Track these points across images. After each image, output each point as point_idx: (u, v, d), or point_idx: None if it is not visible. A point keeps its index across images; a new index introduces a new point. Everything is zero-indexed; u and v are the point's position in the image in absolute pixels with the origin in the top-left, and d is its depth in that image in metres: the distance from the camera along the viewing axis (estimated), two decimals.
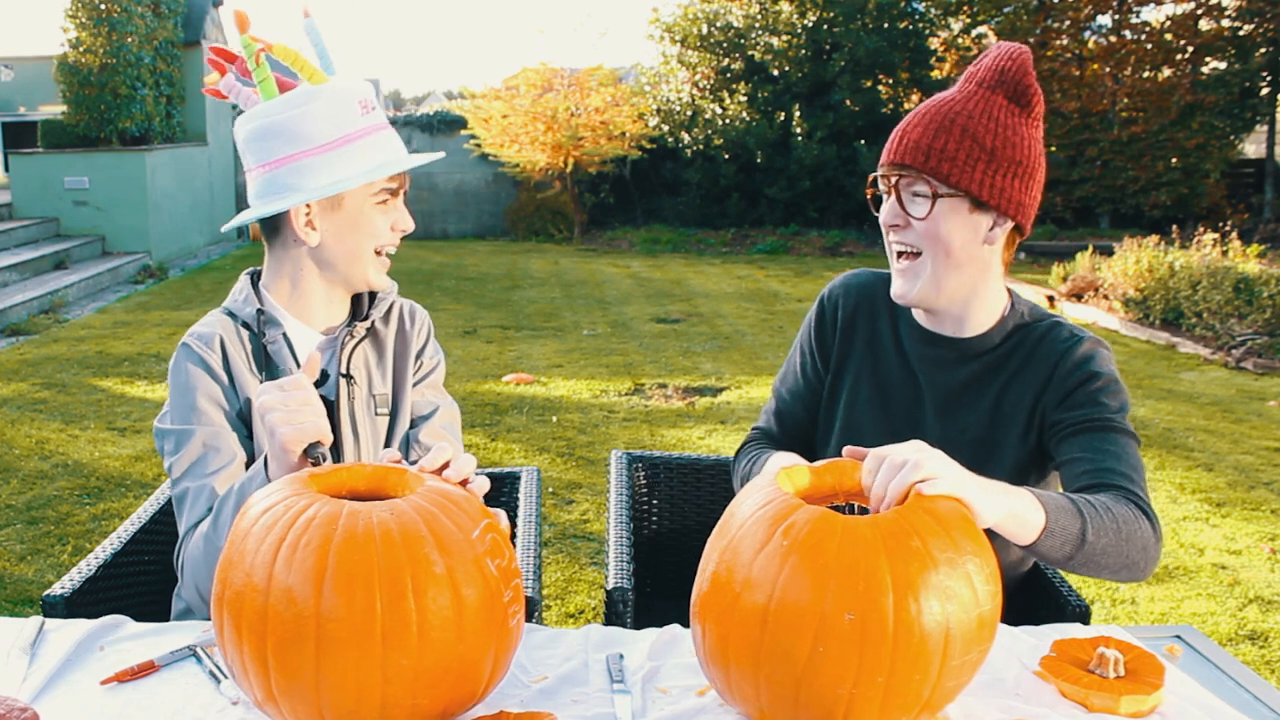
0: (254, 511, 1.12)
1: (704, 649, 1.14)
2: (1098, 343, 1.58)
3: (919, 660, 1.05)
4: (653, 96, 16.15)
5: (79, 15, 11.97)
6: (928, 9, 16.01)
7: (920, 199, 1.51)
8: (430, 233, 16.28)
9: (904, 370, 1.67)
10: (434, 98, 49.70)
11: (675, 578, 1.98)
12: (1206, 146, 14.60)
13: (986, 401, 1.61)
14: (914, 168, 1.49)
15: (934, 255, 1.53)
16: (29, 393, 6.08)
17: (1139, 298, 8.49)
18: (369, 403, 1.68)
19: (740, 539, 1.11)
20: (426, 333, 1.81)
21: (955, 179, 1.47)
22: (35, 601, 3.34)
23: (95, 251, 11.56)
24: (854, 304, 1.73)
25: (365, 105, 1.54)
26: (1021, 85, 1.50)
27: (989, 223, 1.52)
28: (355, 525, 1.06)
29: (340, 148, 1.53)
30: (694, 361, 7.08)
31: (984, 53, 1.57)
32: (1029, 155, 1.51)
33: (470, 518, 1.14)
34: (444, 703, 1.10)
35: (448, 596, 1.06)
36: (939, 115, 1.50)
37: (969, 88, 1.53)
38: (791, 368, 1.81)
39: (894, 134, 1.55)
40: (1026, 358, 1.59)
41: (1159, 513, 4.17)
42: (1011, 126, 1.50)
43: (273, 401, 1.36)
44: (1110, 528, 1.35)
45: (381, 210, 1.60)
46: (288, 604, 1.03)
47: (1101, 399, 1.53)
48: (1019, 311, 1.63)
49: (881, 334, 1.70)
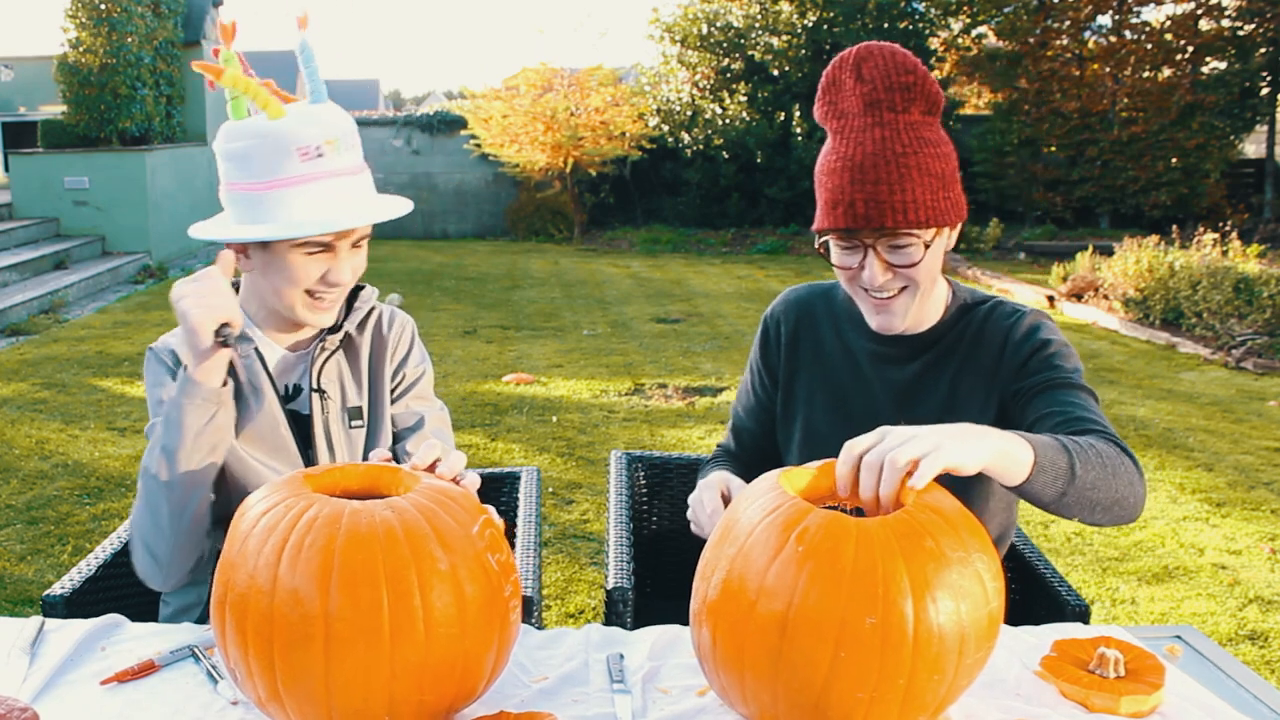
0: (253, 513, 1.12)
1: (714, 657, 1.13)
2: (1041, 314, 1.61)
3: (938, 661, 1.05)
4: (653, 96, 16.15)
5: (79, 15, 11.97)
6: (928, 9, 16.01)
7: (903, 249, 1.50)
8: (430, 233, 16.28)
9: (856, 373, 1.68)
10: (434, 98, 49.73)
11: (675, 578, 1.98)
12: (1206, 146, 14.60)
13: (941, 390, 1.62)
14: (899, 228, 1.46)
15: (921, 285, 1.54)
16: (29, 393, 6.08)
17: (1139, 298, 8.49)
18: (343, 416, 1.67)
19: (751, 546, 1.10)
20: (409, 341, 1.76)
21: (934, 220, 1.47)
22: (35, 601, 3.34)
23: (95, 251, 11.55)
24: (795, 320, 1.75)
25: (306, 152, 1.44)
26: (931, 93, 1.48)
27: (951, 233, 1.56)
28: (358, 524, 1.06)
29: (266, 191, 1.46)
30: (694, 361, 7.07)
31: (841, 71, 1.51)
32: (954, 155, 1.53)
33: (469, 514, 1.14)
34: (449, 698, 1.10)
35: (452, 593, 1.07)
36: (889, 165, 1.45)
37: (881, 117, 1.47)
38: (745, 386, 1.85)
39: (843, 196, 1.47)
40: (974, 341, 1.61)
41: (1159, 512, 4.20)
42: (936, 139, 1.50)
43: (184, 289, 1.42)
44: (1096, 462, 1.35)
45: (312, 258, 1.51)
46: (294, 605, 1.03)
47: (1056, 362, 1.55)
48: (960, 298, 1.66)
49: (827, 343, 1.72)
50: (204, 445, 1.47)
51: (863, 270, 1.52)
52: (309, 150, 1.44)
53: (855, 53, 1.49)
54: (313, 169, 1.45)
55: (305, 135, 1.44)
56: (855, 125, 1.48)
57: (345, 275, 1.54)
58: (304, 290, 1.54)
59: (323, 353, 1.64)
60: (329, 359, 1.66)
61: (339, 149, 1.47)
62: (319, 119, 1.47)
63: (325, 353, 1.65)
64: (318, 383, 1.63)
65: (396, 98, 65.79)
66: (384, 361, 1.71)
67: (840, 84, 1.51)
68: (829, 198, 1.50)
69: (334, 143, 1.47)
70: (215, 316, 1.41)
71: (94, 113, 11.98)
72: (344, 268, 1.54)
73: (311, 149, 1.44)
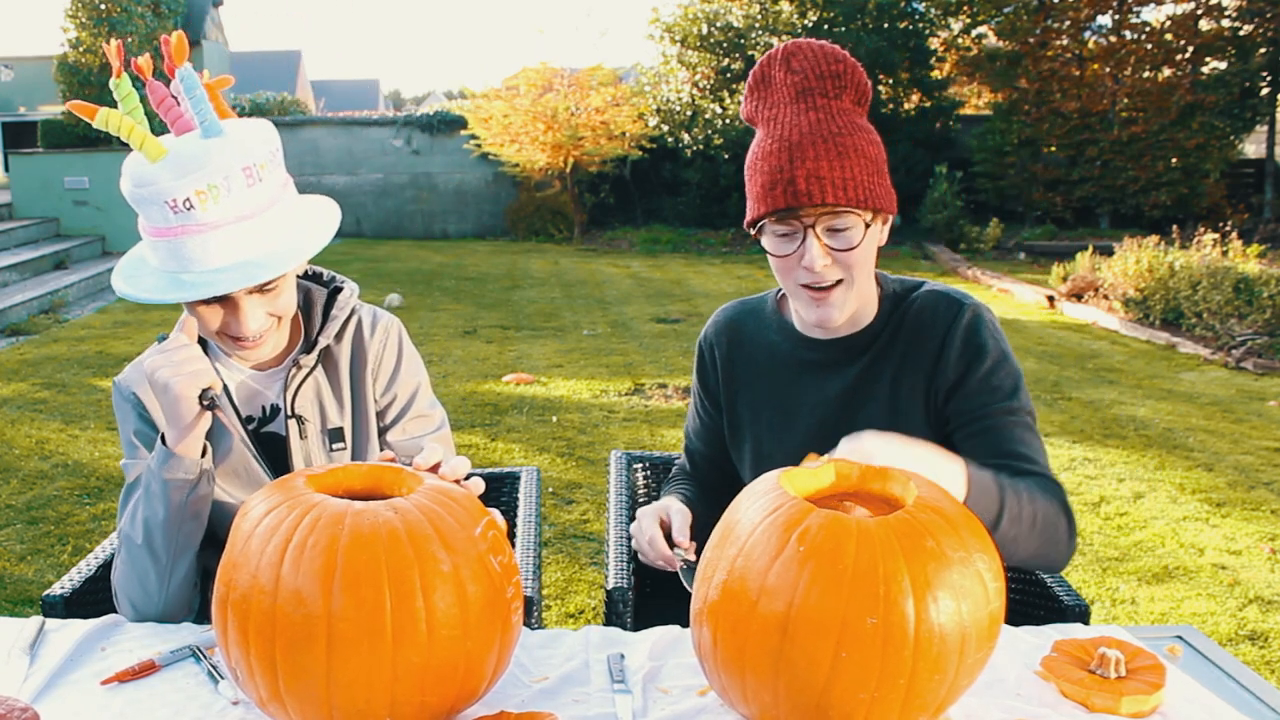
0: (256, 513, 1.12)
1: (715, 657, 1.13)
2: (977, 306, 1.56)
3: (939, 661, 1.05)
4: (653, 96, 16.15)
5: (79, 15, 11.99)
6: (928, 9, 16.01)
7: (842, 232, 1.46)
8: (430, 233, 16.28)
9: (797, 384, 1.65)
10: (434, 98, 49.75)
11: (675, 578, 1.98)
12: (1206, 146, 14.61)
13: (883, 392, 1.59)
14: (840, 204, 1.43)
15: (857, 277, 1.51)
16: (29, 393, 6.08)
17: (1139, 298, 8.49)
18: (323, 439, 1.58)
19: (752, 546, 1.10)
20: (395, 351, 1.63)
21: (873, 201, 1.45)
22: (35, 601, 3.34)
23: (95, 251, 11.56)
24: (727, 341, 1.73)
25: (174, 205, 1.30)
26: (861, 82, 1.48)
27: (883, 227, 1.53)
28: (361, 525, 1.06)
29: (152, 239, 1.36)
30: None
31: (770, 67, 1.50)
32: (884, 148, 1.52)
33: (471, 515, 1.14)
34: (451, 699, 1.10)
35: (455, 594, 1.07)
36: (826, 143, 1.43)
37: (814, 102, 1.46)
38: (692, 409, 1.85)
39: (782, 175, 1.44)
40: (911, 336, 1.57)
41: (1159, 512, 4.20)
42: (868, 128, 1.49)
43: (158, 361, 1.38)
44: (1027, 520, 1.39)
45: (208, 309, 1.42)
46: (297, 605, 1.03)
47: (995, 382, 1.52)
48: (889, 288, 1.62)
49: (762, 359, 1.69)
50: (189, 515, 1.44)
51: (801, 257, 1.47)
52: (176, 204, 1.30)
53: (783, 49, 1.49)
54: (183, 222, 1.31)
55: (172, 188, 1.30)
56: (787, 113, 1.47)
57: (248, 327, 1.42)
58: (218, 334, 1.45)
59: (298, 373, 1.55)
60: (305, 380, 1.56)
61: (216, 197, 1.31)
62: (196, 164, 1.31)
63: (301, 373, 1.55)
64: (293, 408, 1.55)
65: (396, 98, 65.80)
66: (365, 374, 1.60)
67: (770, 79, 1.50)
68: (766, 180, 1.46)
69: (207, 192, 1.30)
70: (197, 383, 1.36)
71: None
72: (247, 319, 1.41)
73: (179, 202, 1.30)
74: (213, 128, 1.35)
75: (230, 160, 1.32)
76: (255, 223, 1.35)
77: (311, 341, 1.57)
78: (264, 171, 1.36)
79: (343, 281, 1.64)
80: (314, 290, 1.63)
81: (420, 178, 16.37)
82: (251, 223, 1.34)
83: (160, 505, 1.42)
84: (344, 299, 1.60)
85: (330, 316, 1.58)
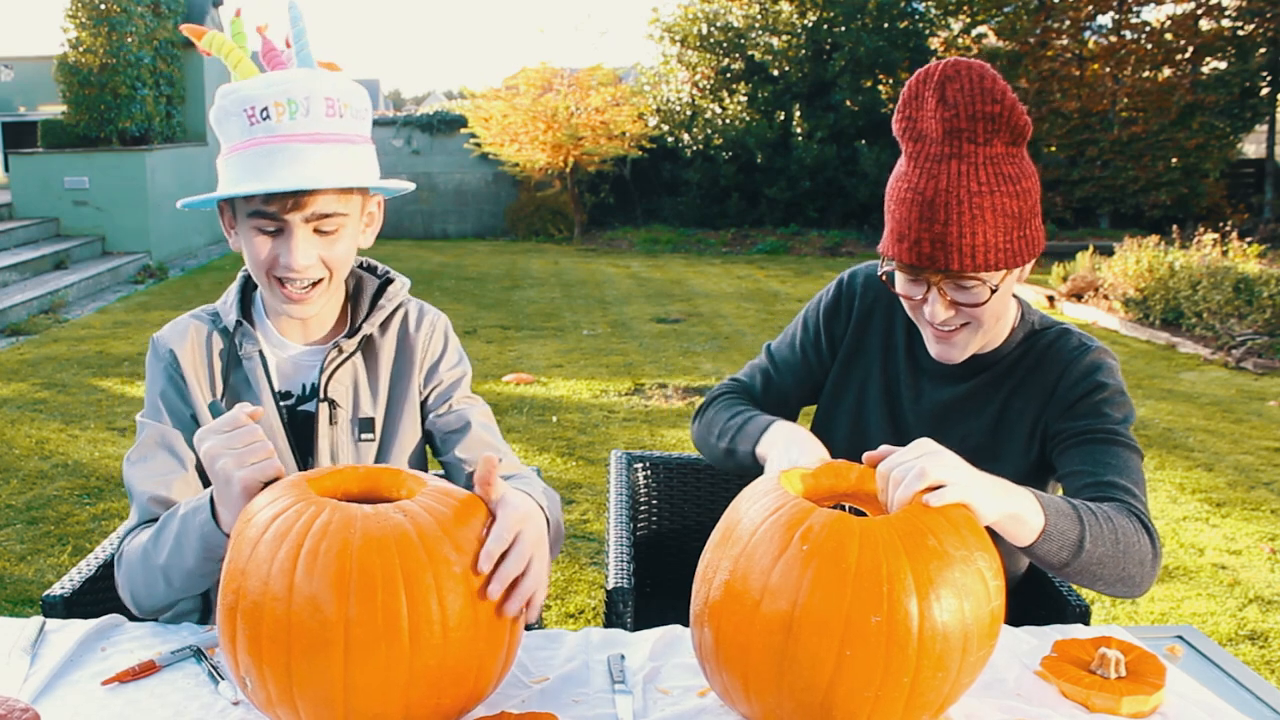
0: (261, 518, 1.10)
1: (717, 657, 1.12)
2: (1104, 352, 1.56)
3: (943, 659, 1.05)
4: (653, 96, 16.15)
5: (79, 15, 11.97)
6: (928, 9, 16.00)
7: (969, 290, 1.44)
8: (430, 233, 16.28)
9: (911, 376, 1.65)
10: (434, 98, 49.71)
11: (675, 578, 1.98)
12: (1206, 146, 14.60)
13: (991, 409, 1.59)
14: (966, 271, 1.40)
15: (986, 323, 1.50)
16: (29, 393, 6.08)
17: (1139, 298, 8.49)
18: (352, 428, 1.55)
19: (755, 546, 1.09)
20: (442, 342, 1.63)
21: (1003, 263, 1.40)
22: (35, 601, 3.34)
23: (95, 251, 11.55)
24: (873, 299, 1.69)
25: (250, 114, 1.33)
26: (1018, 124, 1.38)
27: (1021, 270, 1.49)
28: (373, 528, 1.06)
29: (226, 157, 1.38)
30: (694, 361, 7.07)
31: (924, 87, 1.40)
32: (1037, 186, 1.45)
33: (478, 518, 1.14)
34: (463, 700, 1.11)
35: (466, 595, 1.07)
36: (961, 204, 1.36)
37: (960, 149, 1.38)
38: (792, 340, 1.77)
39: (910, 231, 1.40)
40: (1033, 366, 1.58)
41: (1159, 512, 4.19)
42: (1017, 174, 1.40)
43: (218, 447, 1.22)
44: (1109, 539, 1.33)
45: (264, 239, 1.41)
46: (312, 612, 1.03)
47: (1105, 410, 1.51)
48: (1029, 321, 1.61)
49: (896, 335, 1.67)
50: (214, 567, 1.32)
51: (925, 303, 1.47)
52: (253, 112, 1.32)
53: (941, 69, 1.39)
54: (259, 132, 1.33)
55: (254, 96, 1.33)
56: (931, 153, 1.39)
57: (300, 259, 1.39)
58: (267, 274, 1.43)
59: (336, 357, 1.53)
60: (343, 364, 1.54)
61: (293, 112, 1.32)
62: (282, 79, 1.34)
63: (340, 357, 1.54)
64: (326, 391, 1.53)
65: (396, 98, 65.75)
66: (411, 370, 1.59)
67: (922, 101, 1.41)
68: (896, 229, 1.43)
69: (286, 104, 1.32)
70: (265, 476, 1.21)
71: (94, 113, 11.98)
72: (299, 251, 1.39)
73: (256, 111, 1.32)
74: (307, 59, 1.39)
75: (314, 85, 1.34)
76: (329, 147, 1.35)
77: (355, 327, 1.56)
78: (347, 111, 1.37)
79: (395, 275, 1.64)
80: (365, 278, 1.63)
81: (420, 178, 16.36)
82: (325, 146, 1.35)
83: (191, 558, 1.35)
84: (394, 290, 1.60)
85: (377, 306, 1.58)
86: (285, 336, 1.56)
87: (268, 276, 1.44)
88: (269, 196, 1.35)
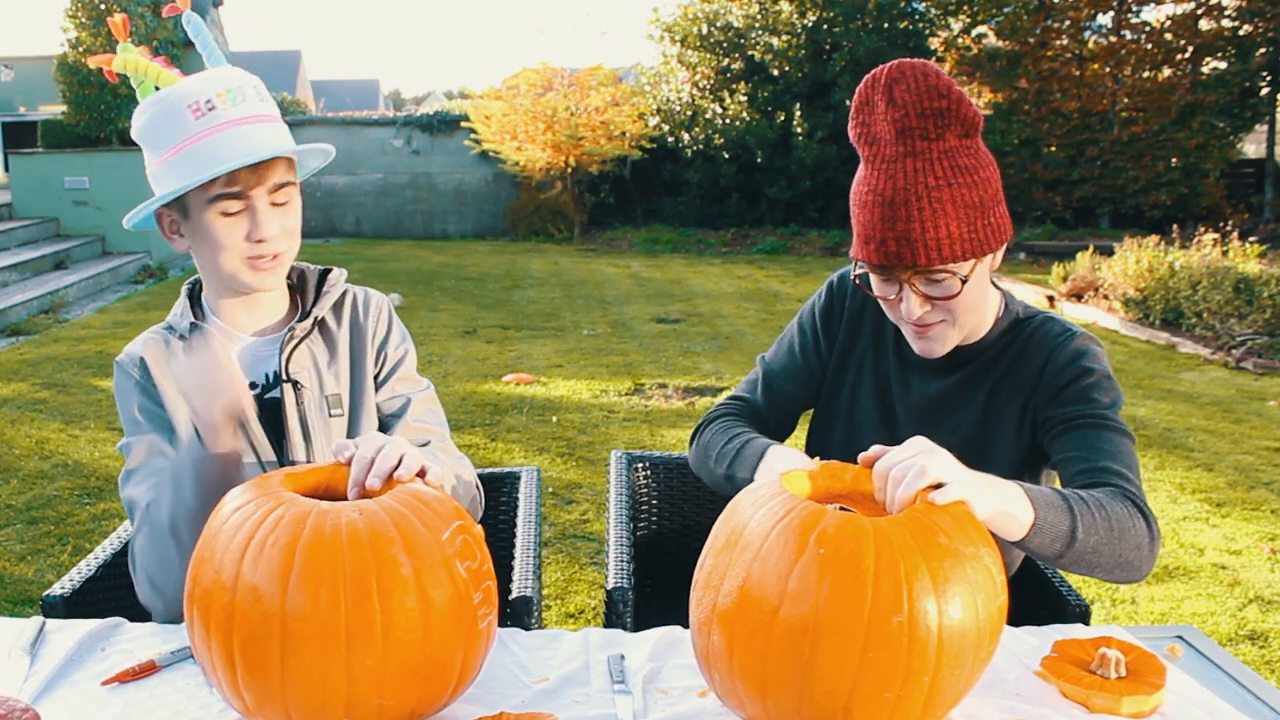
0: (227, 509, 1.13)
1: (730, 664, 1.10)
2: (1090, 339, 1.57)
3: (960, 656, 1.06)
4: (653, 96, 16.15)
5: (79, 15, 11.99)
6: (928, 9, 16.01)
7: (940, 284, 1.46)
8: (430, 233, 16.29)
9: (900, 371, 1.67)
10: (434, 98, 49.77)
11: (675, 578, 1.98)
12: (1206, 146, 14.61)
13: (979, 399, 1.61)
14: (932, 265, 1.42)
15: (961, 316, 1.52)
16: (29, 393, 6.08)
17: (1139, 298, 8.50)
18: (321, 404, 1.61)
19: (768, 551, 1.08)
20: (387, 321, 1.71)
21: (970, 253, 1.43)
22: (35, 601, 3.34)
23: (95, 251, 11.56)
24: (862, 298, 1.71)
25: (196, 107, 1.42)
26: (967, 116, 1.40)
27: (993, 256, 1.51)
28: (323, 526, 1.07)
29: (171, 159, 1.44)
30: (694, 361, 7.07)
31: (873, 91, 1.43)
32: (995, 174, 1.47)
33: (442, 519, 1.14)
34: (411, 703, 1.10)
35: (414, 598, 1.07)
36: (920, 200, 1.40)
37: (914, 146, 1.41)
38: (788, 346, 1.79)
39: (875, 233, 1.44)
40: (1019, 354, 1.59)
41: (1159, 512, 4.19)
42: (974, 164, 1.43)
43: None
44: (1102, 526, 1.34)
45: (231, 220, 1.47)
46: (254, 602, 1.04)
47: (1093, 395, 1.52)
48: (1013, 311, 1.63)
49: (885, 333, 1.70)
50: None
51: (900, 302, 1.50)
52: (199, 105, 1.42)
53: (887, 72, 1.42)
54: (207, 123, 1.42)
55: (195, 92, 1.43)
56: (887, 154, 1.43)
57: (271, 229, 1.48)
58: (239, 256, 1.50)
59: (292, 340, 1.59)
60: (298, 346, 1.60)
61: (234, 99, 1.44)
62: (215, 74, 1.46)
63: (295, 339, 1.60)
64: (288, 372, 1.58)
65: (396, 98, 65.79)
66: (365, 347, 1.66)
67: (872, 105, 1.44)
68: (862, 231, 1.46)
69: (226, 94, 1.44)
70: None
71: (94, 113, 11.99)
72: (268, 222, 1.48)
73: (201, 103, 1.42)
74: (218, 59, 1.51)
75: (241, 77, 1.47)
76: (267, 126, 1.48)
77: (306, 311, 1.63)
78: (267, 96, 1.51)
79: (332, 267, 1.72)
80: (306, 269, 1.70)
81: (420, 178, 16.37)
82: (265, 125, 1.47)
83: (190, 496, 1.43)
84: (334, 277, 1.68)
85: (323, 291, 1.65)
86: (237, 330, 1.61)
87: (239, 258, 1.51)
88: (231, 177, 1.44)
